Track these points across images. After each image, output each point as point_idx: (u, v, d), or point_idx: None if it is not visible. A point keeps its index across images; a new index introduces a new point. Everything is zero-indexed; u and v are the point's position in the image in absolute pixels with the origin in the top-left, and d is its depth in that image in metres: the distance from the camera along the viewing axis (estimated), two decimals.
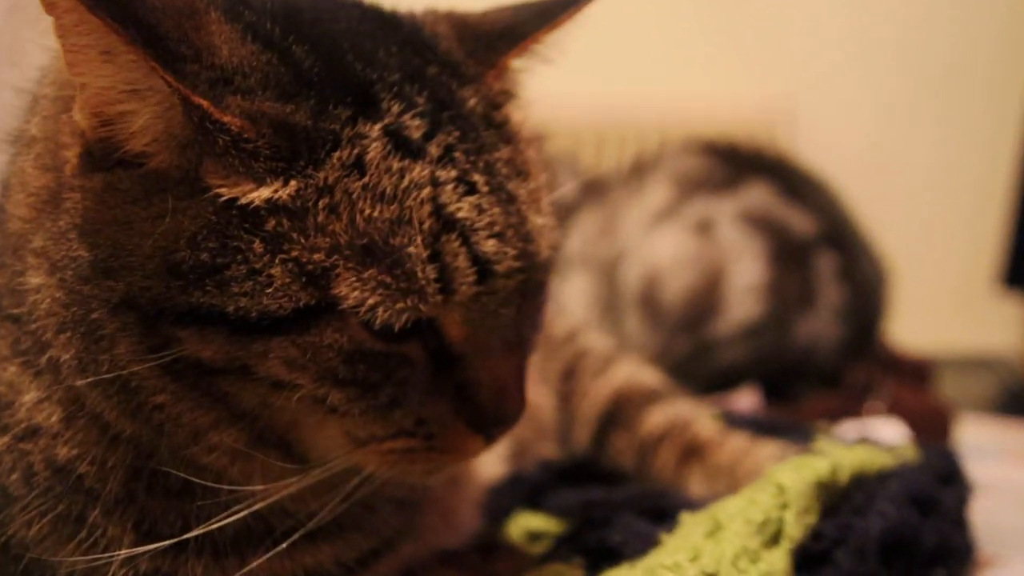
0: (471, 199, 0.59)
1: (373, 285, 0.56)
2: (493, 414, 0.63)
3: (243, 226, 0.56)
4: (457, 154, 0.60)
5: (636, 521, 0.79)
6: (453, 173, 0.59)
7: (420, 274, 0.57)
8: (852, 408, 1.57)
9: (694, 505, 0.84)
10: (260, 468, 0.63)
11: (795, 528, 0.68)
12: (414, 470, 0.65)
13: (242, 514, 0.62)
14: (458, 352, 0.61)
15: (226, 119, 0.55)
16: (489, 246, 0.59)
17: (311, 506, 0.66)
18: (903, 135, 2.93)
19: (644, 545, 0.74)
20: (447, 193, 0.58)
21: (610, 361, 1.17)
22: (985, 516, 0.95)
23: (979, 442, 1.62)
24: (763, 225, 1.62)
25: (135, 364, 0.58)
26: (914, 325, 2.85)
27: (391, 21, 0.67)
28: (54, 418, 0.65)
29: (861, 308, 1.64)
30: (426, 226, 0.57)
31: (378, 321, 0.57)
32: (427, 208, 0.57)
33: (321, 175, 0.57)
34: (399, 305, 0.56)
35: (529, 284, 0.63)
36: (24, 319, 0.64)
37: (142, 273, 0.57)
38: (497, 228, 0.60)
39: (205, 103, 0.55)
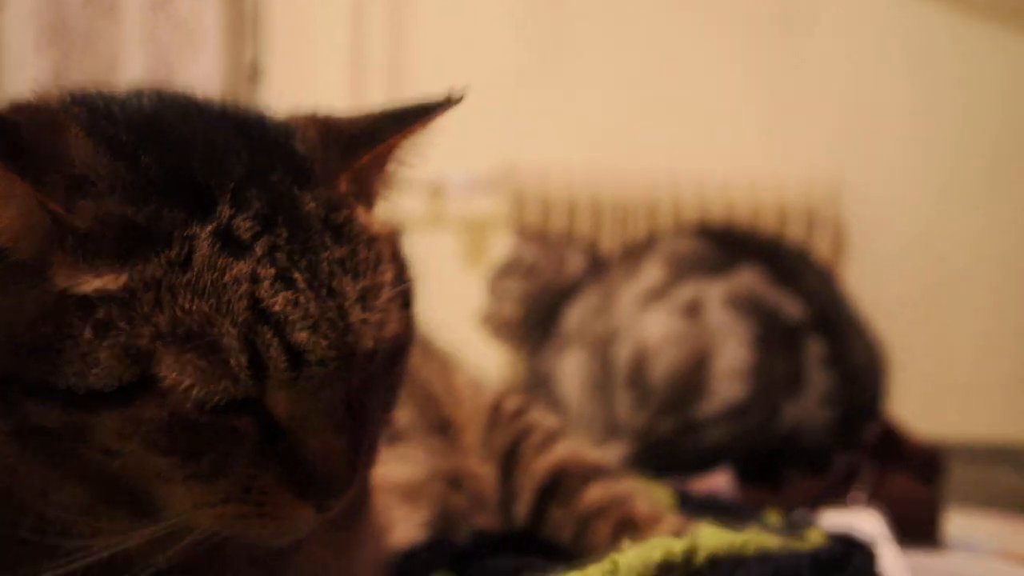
0: (287, 294, 0.65)
1: (190, 369, 0.62)
2: (319, 484, 0.67)
3: (76, 313, 0.63)
4: (279, 254, 0.66)
5: None
6: (272, 271, 0.65)
7: (232, 360, 0.63)
8: (836, 495, 1.57)
9: None
10: (106, 523, 0.69)
11: None
12: (251, 533, 0.69)
13: (86, 562, 0.68)
14: (284, 426, 0.67)
15: (76, 222, 0.63)
16: (301, 337, 0.65)
17: (157, 555, 0.70)
18: (952, 218, 2.90)
19: None
20: (264, 288, 0.65)
21: (554, 437, 1.21)
22: None
23: (971, 537, 1.59)
24: (751, 309, 1.64)
25: None
26: (963, 411, 2.79)
27: (250, 127, 0.74)
28: None
29: (850, 394, 1.64)
30: (240, 318, 0.63)
31: (191, 401, 0.63)
32: (244, 302, 0.64)
33: (150, 270, 0.64)
34: (211, 387, 0.63)
35: (352, 370, 0.68)
36: None
37: None
38: (310, 320, 0.65)
39: (59, 208, 0.63)
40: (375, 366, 0.71)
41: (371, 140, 0.75)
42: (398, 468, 1.07)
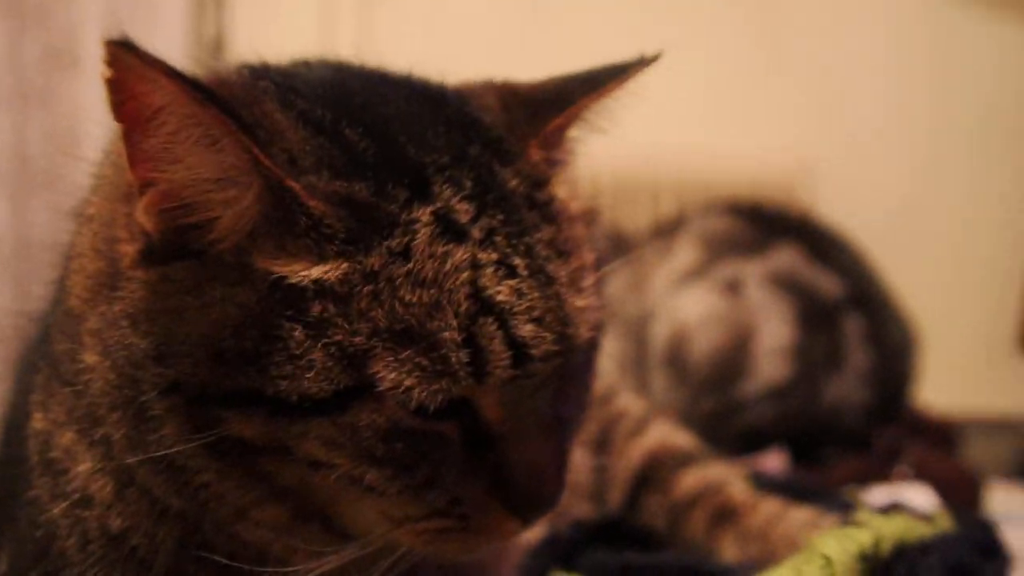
0: (511, 283, 0.59)
1: (409, 367, 0.57)
2: (529, 497, 0.62)
3: (285, 313, 0.57)
4: (499, 237, 0.60)
5: None
6: (494, 256, 0.60)
7: (454, 358, 0.57)
8: (880, 472, 1.57)
9: (734, 573, 0.84)
10: (302, 545, 0.64)
11: None
12: (449, 549, 0.64)
13: None
14: (495, 433, 0.61)
15: (311, 203, 0.57)
16: (526, 330, 0.59)
17: None
18: (925, 198, 2.95)
19: None
20: (487, 277, 0.59)
21: (645, 423, 1.18)
22: None
23: (1007, 508, 1.61)
24: (791, 287, 1.63)
25: (181, 444, 0.60)
26: (936, 387, 2.85)
27: (437, 98, 0.68)
28: (107, 490, 0.67)
29: (888, 372, 1.65)
30: (463, 309, 0.58)
31: (413, 402, 0.57)
32: (465, 291, 0.58)
33: (370, 261, 0.58)
34: (434, 387, 0.57)
35: (568, 367, 0.63)
36: (80, 391, 0.66)
37: (191, 360, 0.58)
38: (536, 313, 0.60)
39: (296, 187, 0.57)
40: (580, 362, 0.66)
41: (560, 104, 0.69)
42: None
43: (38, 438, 0.71)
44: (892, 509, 1.06)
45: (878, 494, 1.35)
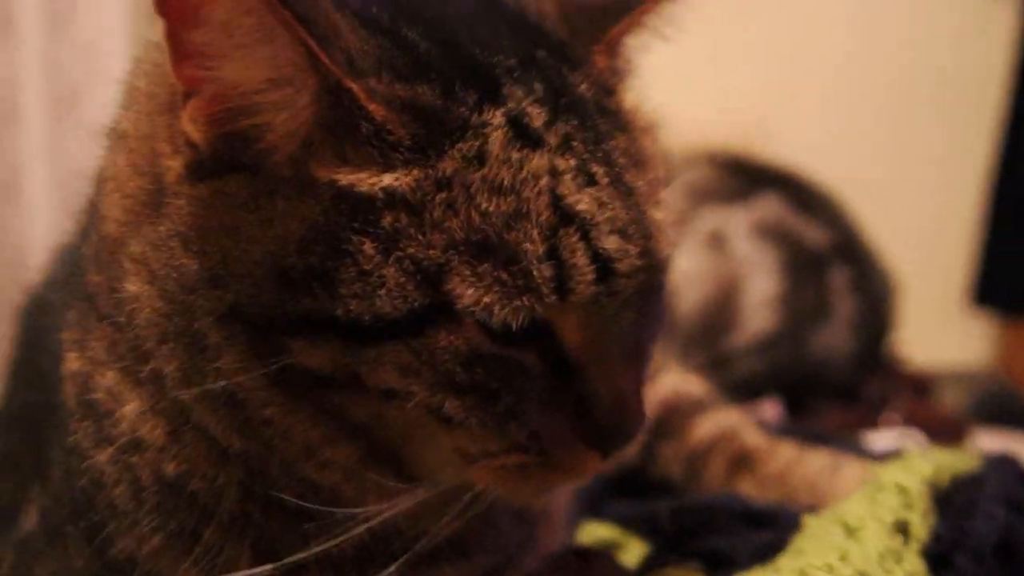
0: (591, 191, 0.56)
1: (488, 282, 0.53)
2: (612, 429, 0.58)
3: (352, 225, 0.53)
4: (576, 143, 0.56)
5: (737, 526, 0.76)
6: (572, 163, 0.56)
7: (536, 272, 0.53)
8: (868, 421, 1.57)
9: (781, 512, 0.81)
10: (374, 485, 0.60)
11: (921, 529, 0.66)
12: (526, 488, 0.61)
13: (358, 532, 0.58)
14: (575, 361, 0.57)
15: (372, 107, 0.52)
16: (610, 243, 0.55)
17: (427, 524, 0.62)
18: (872, 155, 2.97)
19: (752, 549, 0.71)
20: (566, 184, 0.55)
21: (657, 370, 1.15)
22: None
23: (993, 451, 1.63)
24: (777, 237, 1.62)
25: (241, 375, 0.55)
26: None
27: (495, 2, 0.64)
28: (159, 431, 0.61)
29: (873, 321, 1.65)
30: (543, 220, 0.54)
31: (494, 320, 0.53)
32: (545, 200, 0.54)
33: (443, 166, 0.54)
34: (515, 303, 0.53)
35: (649, 286, 0.59)
36: (122, 325, 0.61)
37: (251, 280, 0.54)
38: (619, 224, 0.56)
39: (356, 88, 0.52)
40: (658, 285, 0.62)
41: (621, 9, 0.65)
42: None
43: (75, 380, 0.65)
44: (894, 455, 1.05)
45: (879, 440, 1.35)
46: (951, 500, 0.76)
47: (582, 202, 0.55)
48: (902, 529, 0.66)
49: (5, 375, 0.81)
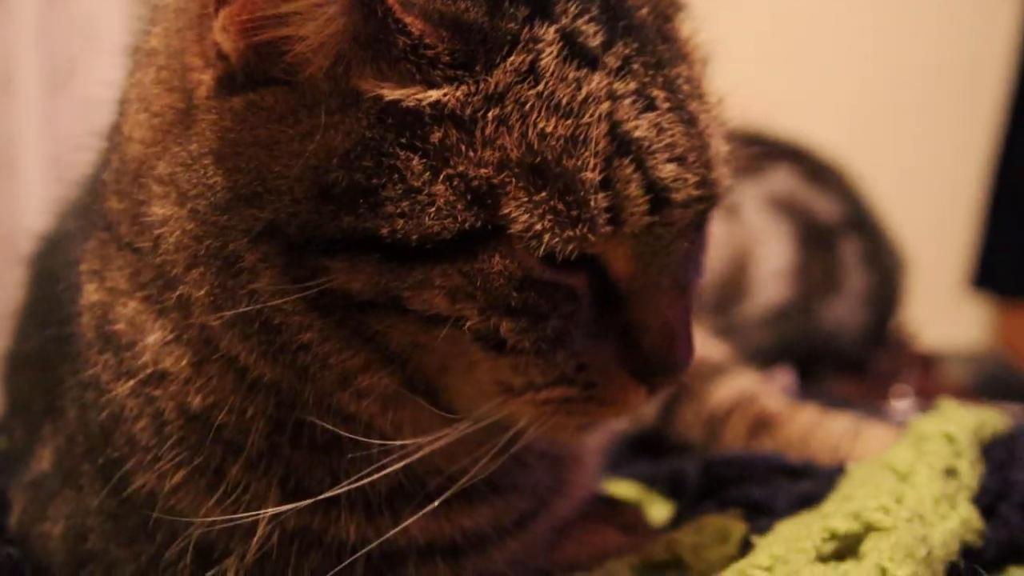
0: (650, 116, 0.54)
1: (543, 210, 0.51)
2: (659, 362, 0.57)
3: (400, 140, 0.51)
4: (636, 66, 0.55)
5: (775, 477, 0.75)
6: (632, 86, 0.54)
7: (593, 202, 0.52)
8: (877, 393, 1.57)
9: (816, 468, 0.80)
10: (410, 419, 0.58)
11: (970, 477, 0.66)
12: (568, 424, 0.60)
13: (394, 468, 0.57)
14: (624, 290, 0.56)
15: (408, 20, 0.51)
16: (667, 171, 0.54)
17: (463, 463, 0.61)
18: (874, 137, 2.97)
19: (790, 499, 0.70)
20: (625, 109, 0.53)
21: None
22: None
23: None
24: (789, 209, 1.61)
25: (278, 298, 0.53)
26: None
27: None
28: (184, 362, 0.59)
29: (883, 294, 1.64)
30: (601, 147, 0.52)
31: (543, 248, 0.52)
32: (604, 127, 0.52)
33: (493, 80, 0.52)
34: (568, 233, 0.52)
35: (704, 218, 0.58)
36: (146, 252, 0.59)
37: (290, 197, 0.52)
38: (678, 151, 0.55)
39: (394, 4, 0.50)
40: (708, 220, 0.60)
41: None
42: None
43: (93, 311, 0.63)
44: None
45: (898, 409, 1.35)
46: (990, 454, 0.75)
47: (640, 128, 0.54)
48: (952, 476, 0.65)
49: (16, 319, 0.79)
